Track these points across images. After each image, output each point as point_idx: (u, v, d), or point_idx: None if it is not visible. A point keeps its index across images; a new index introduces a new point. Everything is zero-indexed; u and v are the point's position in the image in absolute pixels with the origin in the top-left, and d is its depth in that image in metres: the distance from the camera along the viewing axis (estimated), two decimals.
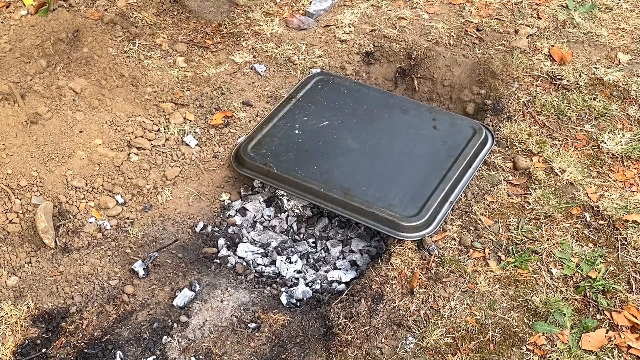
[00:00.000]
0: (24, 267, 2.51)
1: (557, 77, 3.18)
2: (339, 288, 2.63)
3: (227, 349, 2.31)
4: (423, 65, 3.35)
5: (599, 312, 2.32)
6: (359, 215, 2.63)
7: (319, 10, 3.71)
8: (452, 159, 2.79)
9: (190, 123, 3.09)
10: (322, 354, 2.28)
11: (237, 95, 3.25)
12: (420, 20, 3.58)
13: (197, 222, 2.80)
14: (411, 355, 2.23)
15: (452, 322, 2.30)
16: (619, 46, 3.36)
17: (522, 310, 2.34)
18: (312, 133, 2.95)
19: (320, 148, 2.88)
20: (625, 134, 2.90)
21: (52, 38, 3.11)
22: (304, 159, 2.82)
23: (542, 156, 2.84)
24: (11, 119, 2.79)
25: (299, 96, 3.14)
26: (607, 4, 3.63)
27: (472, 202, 2.69)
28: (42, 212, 2.52)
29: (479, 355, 2.22)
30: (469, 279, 2.42)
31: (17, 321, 2.34)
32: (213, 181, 2.92)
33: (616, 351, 2.21)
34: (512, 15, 3.59)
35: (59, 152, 2.77)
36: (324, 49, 3.47)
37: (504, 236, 2.56)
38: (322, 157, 2.83)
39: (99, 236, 2.63)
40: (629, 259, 2.46)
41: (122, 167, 2.83)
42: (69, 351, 2.29)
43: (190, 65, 3.38)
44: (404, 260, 2.49)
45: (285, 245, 2.84)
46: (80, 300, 2.43)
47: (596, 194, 2.68)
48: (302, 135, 2.94)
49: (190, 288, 2.50)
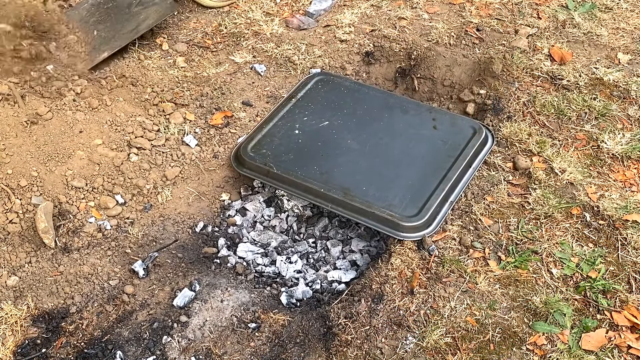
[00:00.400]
0: (24, 267, 2.51)
1: (557, 77, 3.18)
2: (339, 288, 2.63)
3: (227, 349, 2.31)
4: (423, 65, 3.35)
5: (599, 312, 2.32)
6: (359, 215, 2.63)
7: (319, 10, 3.71)
8: (452, 158, 2.79)
9: (190, 123, 3.09)
10: (322, 354, 2.28)
11: (237, 95, 3.25)
12: (420, 20, 3.58)
13: (197, 222, 2.80)
14: (411, 355, 2.23)
15: (452, 322, 2.30)
16: (619, 46, 3.36)
17: (522, 310, 2.34)
18: (312, 133, 2.95)
19: (320, 148, 2.87)
20: (625, 134, 2.90)
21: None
22: (304, 159, 2.82)
23: (542, 156, 2.84)
24: (11, 119, 2.79)
25: (299, 96, 3.13)
26: (607, 4, 3.63)
27: (472, 202, 2.69)
28: (42, 212, 2.52)
29: (479, 355, 2.22)
30: (469, 279, 2.42)
31: (17, 321, 2.34)
32: (213, 181, 2.92)
33: (616, 351, 2.21)
34: (512, 15, 3.59)
35: (59, 152, 2.77)
36: (324, 49, 3.47)
37: (504, 236, 2.56)
38: (322, 157, 2.83)
39: (99, 236, 2.63)
40: (629, 259, 2.46)
41: (122, 167, 2.83)
42: (69, 351, 2.29)
43: (190, 65, 3.38)
44: (404, 260, 2.49)
45: (285, 245, 2.84)
46: (80, 300, 2.43)
47: (596, 194, 2.68)
48: (302, 135, 2.94)
49: (190, 288, 2.50)
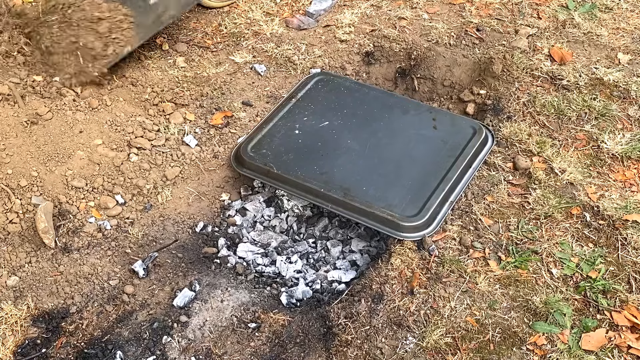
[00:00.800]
0: (24, 267, 2.51)
1: (557, 77, 3.18)
2: (339, 288, 2.63)
3: (227, 349, 2.31)
4: (423, 65, 3.35)
5: (599, 312, 2.32)
6: (359, 215, 2.63)
7: (319, 10, 3.71)
8: (452, 159, 2.79)
9: (190, 123, 3.09)
10: (322, 354, 2.28)
11: (237, 95, 3.25)
12: (420, 20, 3.58)
13: (197, 222, 2.80)
14: (411, 355, 2.23)
15: (452, 322, 2.30)
16: (619, 46, 3.36)
17: (522, 310, 2.34)
18: (312, 133, 2.95)
19: (320, 148, 2.87)
20: (625, 134, 2.90)
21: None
22: (304, 159, 2.82)
23: (542, 156, 2.84)
24: (11, 119, 2.79)
25: (299, 96, 3.13)
26: (607, 4, 3.63)
27: (472, 202, 2.69)
28: (42, 212, 2.52)
29: (479, 355, 2.22)
30: (469, 279, 2.42)
31: (17, 321, 2.34)
32: (213, 181, 2.92)
33: (616, 351, 2.21)
34: (512, 15, 3.59)
35: (59, 152, 2.77)
36: (324, 49, 3.47)
37: (504, 236, 2.56)
38: (322, 157, 2.83)
39: (99, 236, 2.63)
40: (629, 259, 2.46)
41: (122, 167, 2.83)
42: (69, 351, 2.29)
43: (190, 65, 3.38)
44: (404, 260, 2.49)
45: (285, 245, 2.84)
46: (80, 300, 2.43)
47: (596, 194, 2.68)
48: (302, 135, 2.94)
49: (190, 288, 2.50)
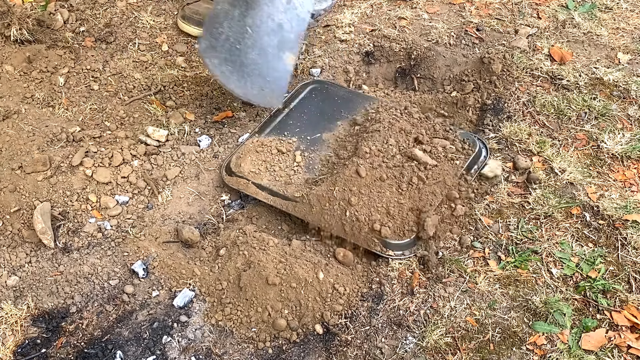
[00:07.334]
0: (24, 267, 2.51)
1: (557, 77, 3.18)
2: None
3: (227, 349, 2.31)
4: (423, 65, 3.35)
5: (599, 312, 2.32)
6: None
7: (319, 10, 3.71)
8: None
9: (190, 123, 3.09)
10: (322, 354, 2.28)
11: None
12: (420, 20, 3.58)
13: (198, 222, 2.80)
14: (411, 355, 2.24)
15: (452, 322, 2.31)
16: (619, 46, 3.36)
17: (522, 310, 2.34)
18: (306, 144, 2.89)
19: (315, 164, 2.83)
20: (625, 134, 2.90)
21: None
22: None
23: (542, 156, 2.84)
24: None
25: (292, 106, 3.08)
26: (607, 4, 3.63)
27: (472, 202, 2.69)
28: (39, 213, 2.52)
29: (479, 355, 2.22)
30: (469, 278, 2.42)
31: (17, 321, 2.34)
32: (213, 181, 2.92)
33: (616, 351, 2.21)
34: (512, 15, 3.59)
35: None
36: (324, 49, 3.47)
37: (504, 236, 2.57)
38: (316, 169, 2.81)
39: (99, 236, 2.63)
40: (629, 258, 2.46)
41: (122, 167, 2.83)
42: (69, 351, 2.29)
43: (190, 65, 3.38)
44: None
45: None
46: (80, 300, 2.43)
47: (596, 193, 2.68)
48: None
49: (190, 288, 2.50)
